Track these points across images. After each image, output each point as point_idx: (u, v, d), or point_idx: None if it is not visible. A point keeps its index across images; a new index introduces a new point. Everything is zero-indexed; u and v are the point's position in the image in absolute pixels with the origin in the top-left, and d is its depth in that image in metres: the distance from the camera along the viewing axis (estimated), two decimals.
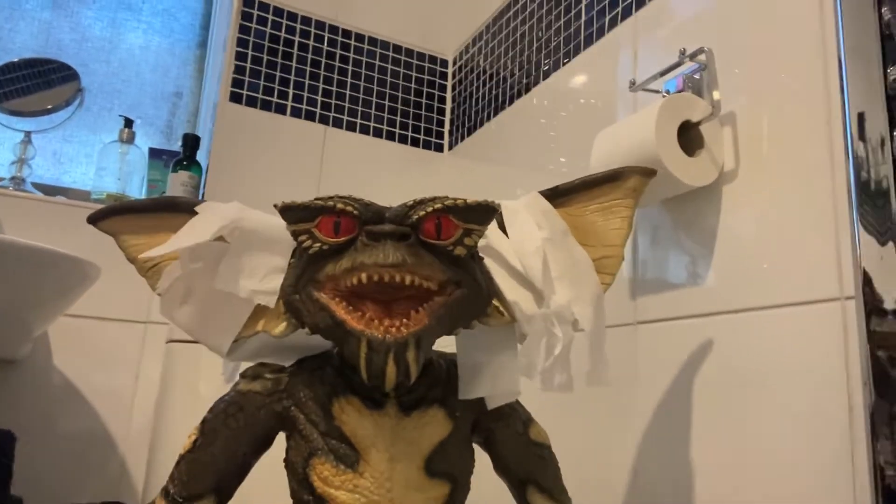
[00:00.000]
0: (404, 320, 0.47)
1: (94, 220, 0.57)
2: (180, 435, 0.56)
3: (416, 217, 0.48)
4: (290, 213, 0.49)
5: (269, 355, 0.59)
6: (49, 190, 1.28)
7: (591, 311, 0.55)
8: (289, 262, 0.53)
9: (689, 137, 0.74)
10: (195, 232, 0.52)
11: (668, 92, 0.81)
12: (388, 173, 1.43)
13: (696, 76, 0.79)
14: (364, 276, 0.46)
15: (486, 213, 0.50)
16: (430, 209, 0.48)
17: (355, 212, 0.48)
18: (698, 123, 0.74)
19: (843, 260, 0.61)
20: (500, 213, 0.57)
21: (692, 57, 0.77)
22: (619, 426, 0.83)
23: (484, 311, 0.53)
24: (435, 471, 0.54)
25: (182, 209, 0.55)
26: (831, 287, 0.62)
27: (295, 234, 0.49)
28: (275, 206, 0.50)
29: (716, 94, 0.75)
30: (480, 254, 0.55)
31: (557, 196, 0.59)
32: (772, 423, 0.65)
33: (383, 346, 0.47)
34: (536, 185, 0.61)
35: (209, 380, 1.08)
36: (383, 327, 0.47)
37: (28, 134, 1.28)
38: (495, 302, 0.54)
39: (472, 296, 0.50)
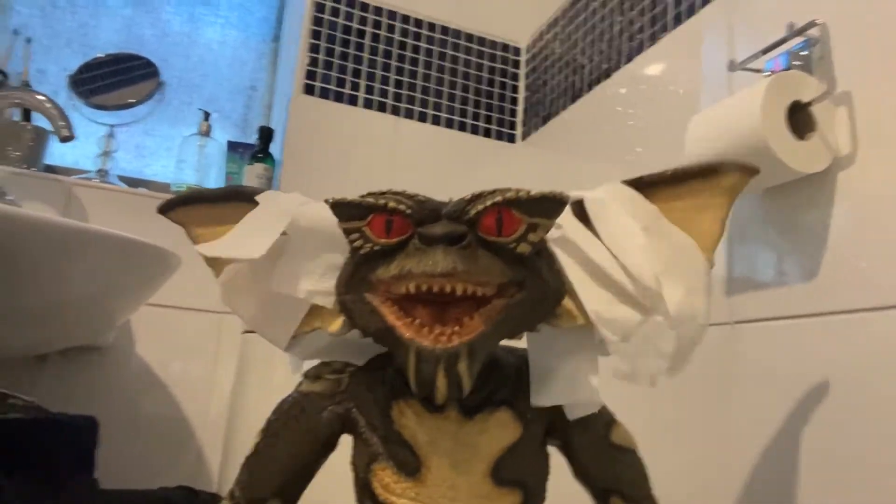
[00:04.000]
0: (457, 328, 0.43)
1: (164, 210, 0.56)
2: (255, 424, 0.55)
3: (474, 212, 0.44)
4: (341, 210, 0.46)
5: (334, 353, 0.56)
6: (132, 182, 1.32)
7: (705, 304, 0.49)
8: (346, 258, 0.50)
9: (799, 120, 0.67)
10: (248, 237, 0.51)
11: (772, 72, 0.75)
12: (459, 164, 1.40)
13: (804, 52, 0.72)
14: (412, 286, 0.43)
15: (553, 205, 0.45)
16: (489, 203, 0.43)
17: (408, 210, 0.44)
18: (809, 104, 0.67)
19: None
20: (582, 204, 0.52)
21: (802, 31, 0.70)
22: (715, 432, 0.78)
23: (552, 313, 0.48)
24: (504, 478, 0.50)
25: (247, 199, 0.53)
26: None
27: (346, 232, 0.46)
28: (325, 201, 0.47)
29: (830, 72, 0.68)
30: (552, 247, 0.49)
31: (641, 188, 0.52)
32: (888, 435, 0.58)
33: (433, 357, 0.44)
34: (612, 177, 0.55)
35: (283, 370, 1.08)
36: (433, 335, 0.43)
37: (112, 128, 1.32)
38: (567, 302, 0.49)
39: (536, 298, 0.46)
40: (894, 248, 0.61)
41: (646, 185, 0.52)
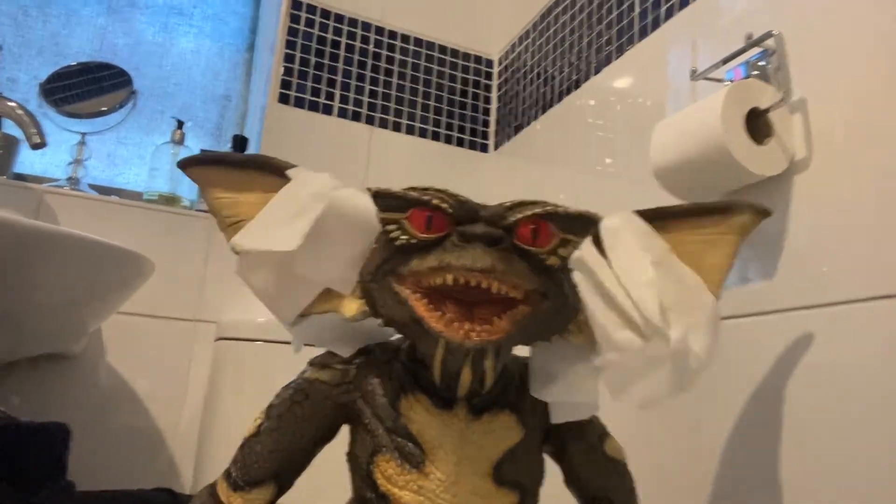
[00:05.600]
0: (486, 326, 0.44)
1: (185, 165, 0.54)
2: (228, 430, 0.55)
3: (512, 219, 0.46)
4: (383, 200, 0.47)
5: (333, 338, 0.56)
6: (103, 190, 1.31)
7: (708, 340, 0.48)
8: (372, 246, 0.50)
9: (758, 126, 0.71)
10: (281, 224, 0.49)
11: (731, 81, 0.78)
12: (433, 173, 1.42)
13: (762, 62, 0.76)
14: (450, 278, 0.44)
15: (587, 224, 0.47)
16: (528, 213, 0.46)
17: (450, 209, 0.46)
18: (766, 111, 0.71)
19: None
20: (597, 229, 0.53)
21: (759, 42, 0.74)
22: (682, 426, 0.80)
23: (566, 327, 0.50)
24: (503, 479, 0.51)
25: (273, 171, 0.52)
26: None
27: (384, 222, 0.47)
28: (367, 189, 0.48)
29: (786, 80, 0.71)
30: (569, 265, 0.50)
31: (658, 218, 0.52)
32: (864, 428, 0.61)
33: (461, 351, 0.45)
34: (583, 186, 0.56)
35: (256, 378, 1.08)
36: (463, 331, 0.44)
37: (83, 136, 1.31)
38: (579, 319, 0.50)
39: (557, 310, 0.48)
40: (847, 247, 0.64)
41: (661, 216, 0.52)
